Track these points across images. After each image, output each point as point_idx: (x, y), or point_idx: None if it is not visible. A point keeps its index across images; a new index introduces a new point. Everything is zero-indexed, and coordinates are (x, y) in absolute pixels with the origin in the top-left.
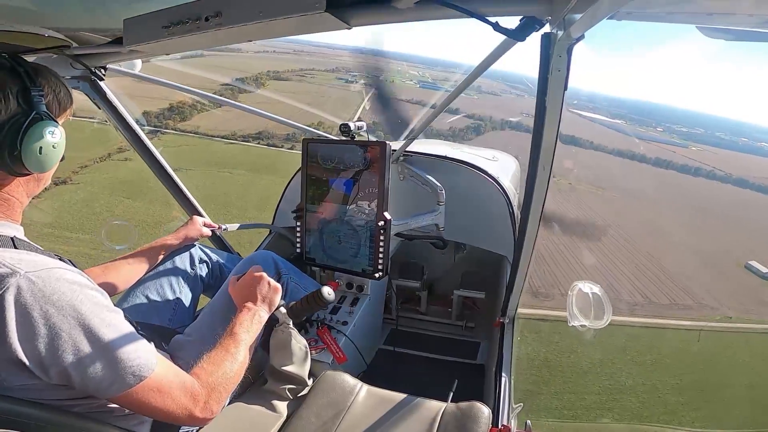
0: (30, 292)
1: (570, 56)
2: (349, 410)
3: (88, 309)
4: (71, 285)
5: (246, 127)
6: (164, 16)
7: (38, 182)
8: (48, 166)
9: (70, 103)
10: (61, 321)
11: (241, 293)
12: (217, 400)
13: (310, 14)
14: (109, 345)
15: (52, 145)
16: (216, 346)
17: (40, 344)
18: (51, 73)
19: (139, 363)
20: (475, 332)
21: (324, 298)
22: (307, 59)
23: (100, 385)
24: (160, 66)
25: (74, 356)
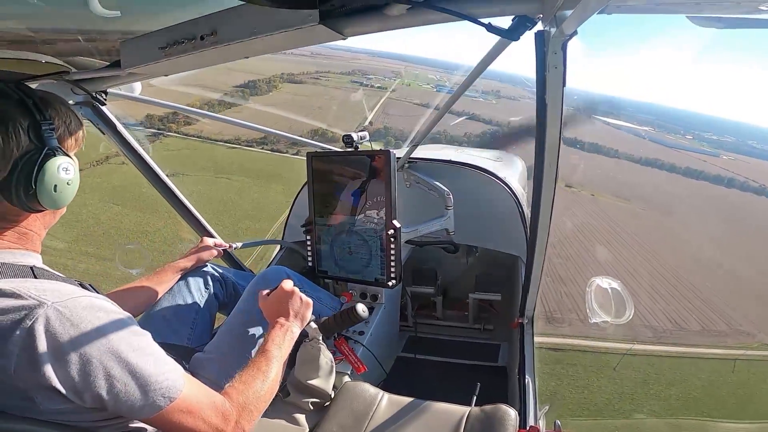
0: (59, 322)
1: (565, 52)
2: (371, 419)
3: (115, 335)
4: (97, 312)
5: (251, 131)
6: (160, 37)
7: (54, 215)
8: (63, 203)
9: (80, 130)
10: (90, 348)
11: (272, 309)
12: (248, 419)
13: (305, 27)
14: (138, 369)
15: (67, 182)
16: (248, 365)
17: (72, 371)
18: (60, 102)
19: (168, 384)
20: (493, 334)
21: (358, 315)
22: (324, 62)
23: (132, 408)
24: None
25: (105, 381)
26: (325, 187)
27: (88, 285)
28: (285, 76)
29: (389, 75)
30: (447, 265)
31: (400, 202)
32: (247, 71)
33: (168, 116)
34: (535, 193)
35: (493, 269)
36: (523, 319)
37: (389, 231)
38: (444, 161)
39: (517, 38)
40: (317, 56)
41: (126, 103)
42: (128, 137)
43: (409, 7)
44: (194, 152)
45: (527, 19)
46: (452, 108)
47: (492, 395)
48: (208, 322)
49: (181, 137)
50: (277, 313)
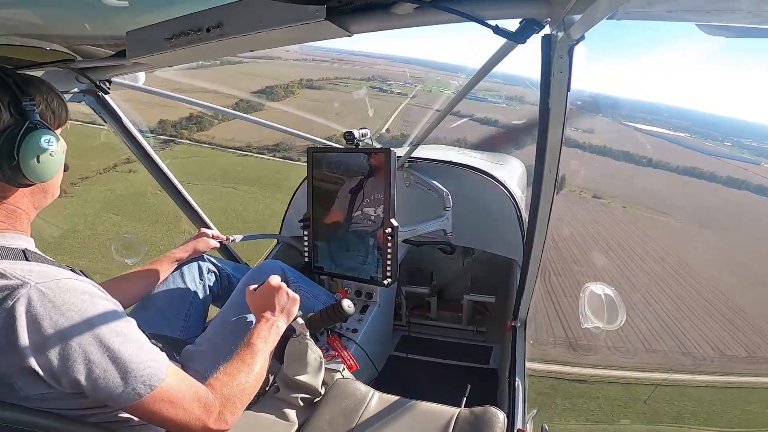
0: (40, 303)
1: (571, 57)
2: (361, 418)
3: (98, 319)
4: (81, 295)
5: (264, 138)
6: (166, 28)
7: (44, 193)
8: (48, 175)
9: (65, 113)
10: (70, 331)
11: (258, 303)
12: (231, 411)
13: (311, 23)
14: (119, 354)
15: (50, 153)
16: (232, 357)
17: (51, 354)
18: (43, 84)
19: (150, 372)
20: (486, 337)
21: (344, 311)
22: (344, 67)
23: (110, 395)
24: (195, 73)
25: (84, 365)
26: (325, 183)
27: (79, 271)
28: (303, 82)
29: (410, 81)
30: (443, 265)
31: (398, 201)
32: (266, 76)
33: (181, 122)
34: (534, 198)
35: (488, 272)
36: (516, 323)
37: (387, 229)
38: (444, 162)
39: (524, 41)
40: (338, 62)
41: (139, 108)
42: (130, 127)
43: (416, 6)
44: (203, 160)
45: (535, 22)
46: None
47: (482, 397)
48: (202, 314)
49: (192, 144)
50: (264, 308)
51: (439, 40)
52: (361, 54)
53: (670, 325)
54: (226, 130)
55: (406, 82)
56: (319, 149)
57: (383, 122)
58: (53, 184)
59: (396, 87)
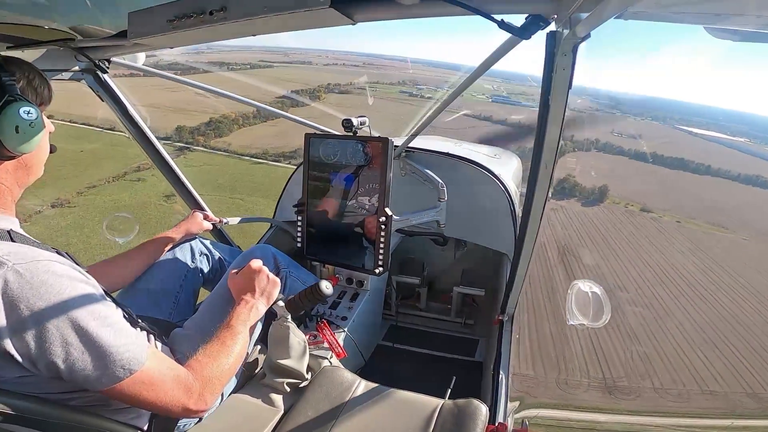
0: (17, 284)
1: (575, 55)
2: (347, 405)
3: (77, 302)
4: (60, 278)
5: (282, 145)
6: (169, 10)
7: (27, 170)
8: (28, 147)
9: (47, 91)
10: (48, 313)
11: (239, 286)
12: (211, 393)
13: (315, 9)
14: (97, 338)
15: (29, 123)
16: (212, 339)
17: (27, 337)
18: (25, 63)
19: (129, 356)
20: (474, 329)
21: (322, 292)
22: (375, 72)
23: (88, 378)
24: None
25: (62, 349)
26: (321, 169)
27: (65, 253)
28: (330, 86)
29: (443, 85)
30: (434, 257)
31: (393, 190)
32: (294, 81)
33: (200, 127)
34: (528, 193)
35: (479, 265)
36: (504, 317)
37: (381, 218)
38: (441, 153)
39: (529, 37)
40: (369, 66)
41: (160, 114)
42: (128, 106)
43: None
44: (215, 168)
45: (541, 18)
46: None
47: (466, 389)
48: (192, 296)
49: (207, 151)
50: (243, 290)
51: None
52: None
53: (735, 362)
54: (244, 137)
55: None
56: (316, 135)
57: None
58: (36, 160)
59: (427, 91)
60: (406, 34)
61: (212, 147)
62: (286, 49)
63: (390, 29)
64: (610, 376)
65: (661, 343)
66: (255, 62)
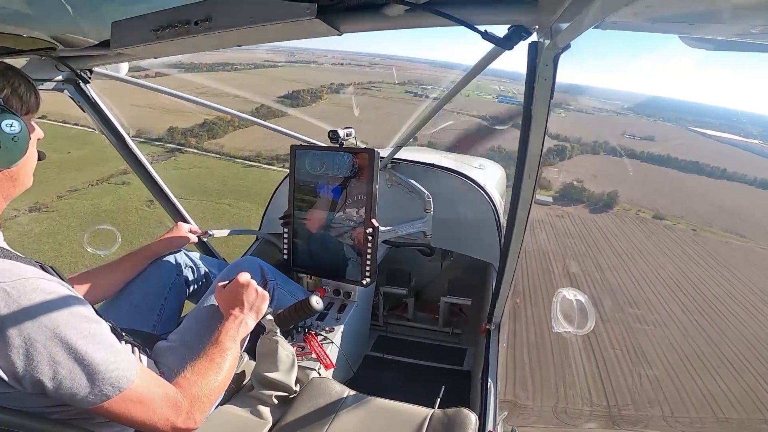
0: (4, 303)
1: (556, 66)
2: (336, 417)
3: (65, 320)
4: (47, 295)
5: (277, 147)
6: (153, 20)
7: (12, 182)
8: (11, 161)
9: (35, 99)
10: (35, 332)
11: (227, 300)
12: (200, 411)
13: (301, 20)
14: (86, 356)
15: (12, 137)
16: (201, 356)
17: (13, 355)
18: (9, 70)
19: (118, 374)
20: (461, 339)
21: (312, 307)
22: (381, 72)
23: (75, 396)
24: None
25: (49, 367)
26: (307, 180)
27: (49, 267)
28: (333, 86)
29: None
30: (421, 267)
31: (380, 201)
32: (297, 81)
33: (193, 128)
34: (513, 203)
35: (465, 274)
36: (491, 325)
37: (368, 230)
38: (427, 164)
39: (511, 47)
40: (375, 66)
41: (154, 115)
42: (110, 117)
43: (407, 8)
44: (204, 171)
45: (523, 29)
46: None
47: (455, 398)
48: (176, 309)
49: (199, 153)
50: (232, 305)
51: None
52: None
53: (754, 386)
54: (238, 139)
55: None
56: (302, 146)
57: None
58: (22, 172)
59: (432, 92)
60: (414, 34)
61: (204, 149)
62: (292, 49)
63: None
64: (615, 404)
65: (673, 366)
66: (260, 62)
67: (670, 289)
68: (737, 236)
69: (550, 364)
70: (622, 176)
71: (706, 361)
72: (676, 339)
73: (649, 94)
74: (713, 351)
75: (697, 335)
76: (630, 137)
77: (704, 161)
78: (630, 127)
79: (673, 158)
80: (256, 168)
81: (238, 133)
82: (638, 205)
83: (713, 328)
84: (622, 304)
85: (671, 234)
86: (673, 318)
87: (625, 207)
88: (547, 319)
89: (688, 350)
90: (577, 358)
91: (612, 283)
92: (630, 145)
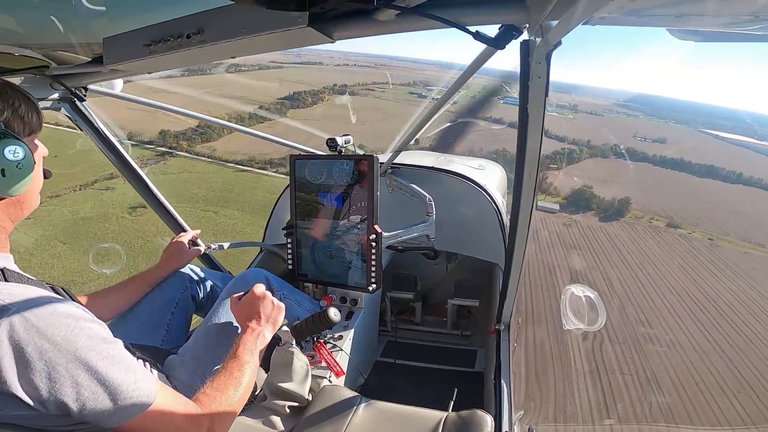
0: (23, 328)
1: (549, 63)
2: (349, 424)
3: (84, 343)
4: (65, 319)
5: (271, 150)
6: (145, 34)
7: (20, 206)
8: (17, 189)
9: (36, 118)
10: (56, 356)
11: (244, 312)
12: (221, 426)
13: (293, 29)
14: (108, 377)
15: (16, 164)
16: (220, 370)
17: (36, 380)
18: (8, 88)
19: (139, 393)
20: (471, 340)
21: (330, 319)
22: (387, 73)
23: (100, 417)
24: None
25: (72, 390)
26: (308, 190)
27: (60, 288)
28: (336, 88)
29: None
30: (427, 270)
31: (381, 207)
32: (299, 82)
33: (186, 132)
34: (515, 202)
35: (471, 276)
36: (500, 326)
37: (371, 236)
38: (426, 168)
39: (503, 47)
40: (381, 67)
41: (147, 118)
42: (107, 134)
43: (398, 13)
44: (194, 176)
45: (514, 28)
46: None
47: (468, 401)
48: (184, 323)
49: (190, 157)
50: (249, 317)
51: None
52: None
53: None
54: (231, 142)
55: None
56: (301, 156)
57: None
58: (28, 195)
59: (437, 93)
60: (422, 36)
61: (196, 153)
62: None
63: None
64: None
65: (688, 391)
66: (264, 63)
67: (686, 305)
68: (756, 246)
69: (551, 391)
70: (634, 181)
71: (724, 384)
72: (691, 360)
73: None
74: (732, 373)
75: (715, 355)
76: (641, 139)
77: (719, 165)
78: (641, 129)
79: (687, 162)
80: (248, 173)
81: (233, 137)
82: (651, 212)
83: (732, 347)
84: (633, 323)
85: (686, 244)
86: (689, 337)
87: (637, 214)
88: (549, 342)
89: (704, 372)
90: (581, 385)
91: (622, 298)
92: (642, 147)
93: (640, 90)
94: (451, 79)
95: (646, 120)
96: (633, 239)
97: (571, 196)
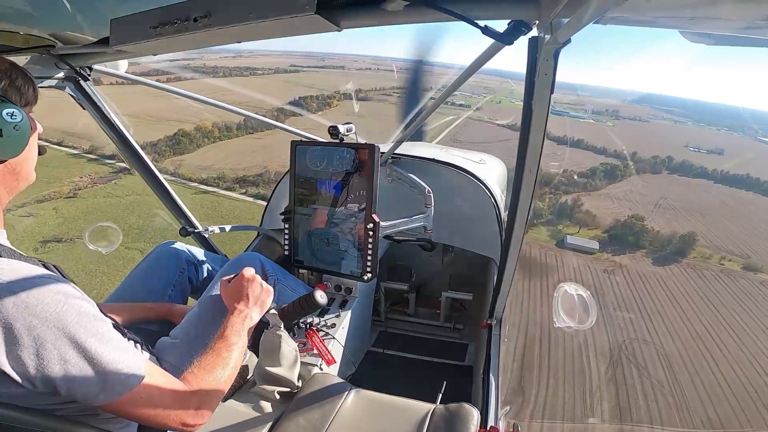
0: (12, 303)
1: (557, 60)
2: (338, 412)
3: (74, 319)
4: (56, 295)
5: (251, 165)
6: (152, 17)
7: (15, 176)
8: (14, 151)
9: (32, 91)
10: (45, 332)
11: (232, 294)
12: (208, 406)
13: (300, 16)
14: (96, 355)
15: (14, 126)
16: (207, 351)
17: (24, 356)
18: (6, 62)
19: (128, 372)
20: (463, 334)
21: (316, 301)
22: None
23: (87, 395)
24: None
25: (60, 367)
26: (308, 176)
27: (51, 266)
28: (348, 92)
29: (480, 91)
30: (422, 262)
31: (380, 196)
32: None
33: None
34: (513, 198)
35: (467, 269)
36: (492, 321)
37: (368, 225)
38: (427, 159)
39: (511, 42)
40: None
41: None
42: (110, 115)
43: (407, 4)
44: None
45: (523, 24)
46: None
47: (457, 394)
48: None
49: None
50: (237, 299)
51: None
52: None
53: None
54: (208, 154)
55: (474, 92)
56: (302, 142)
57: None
58: (24, 166)
59: (460, 98)
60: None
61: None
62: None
63: None
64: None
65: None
66: (282, 67)
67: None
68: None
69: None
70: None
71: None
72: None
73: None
74: None
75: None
76: (695, 150)
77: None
78: (692, 138)
79: (754, 178)
80: (210, 194)
81: (213, 147)
82: (722, 250)
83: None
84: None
85: (706, 269)
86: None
87: (704, 253)
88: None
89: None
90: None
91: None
92: (697, 160)
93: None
94: (472, 83)
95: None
96: (700, 291)
97: (614, 229)
